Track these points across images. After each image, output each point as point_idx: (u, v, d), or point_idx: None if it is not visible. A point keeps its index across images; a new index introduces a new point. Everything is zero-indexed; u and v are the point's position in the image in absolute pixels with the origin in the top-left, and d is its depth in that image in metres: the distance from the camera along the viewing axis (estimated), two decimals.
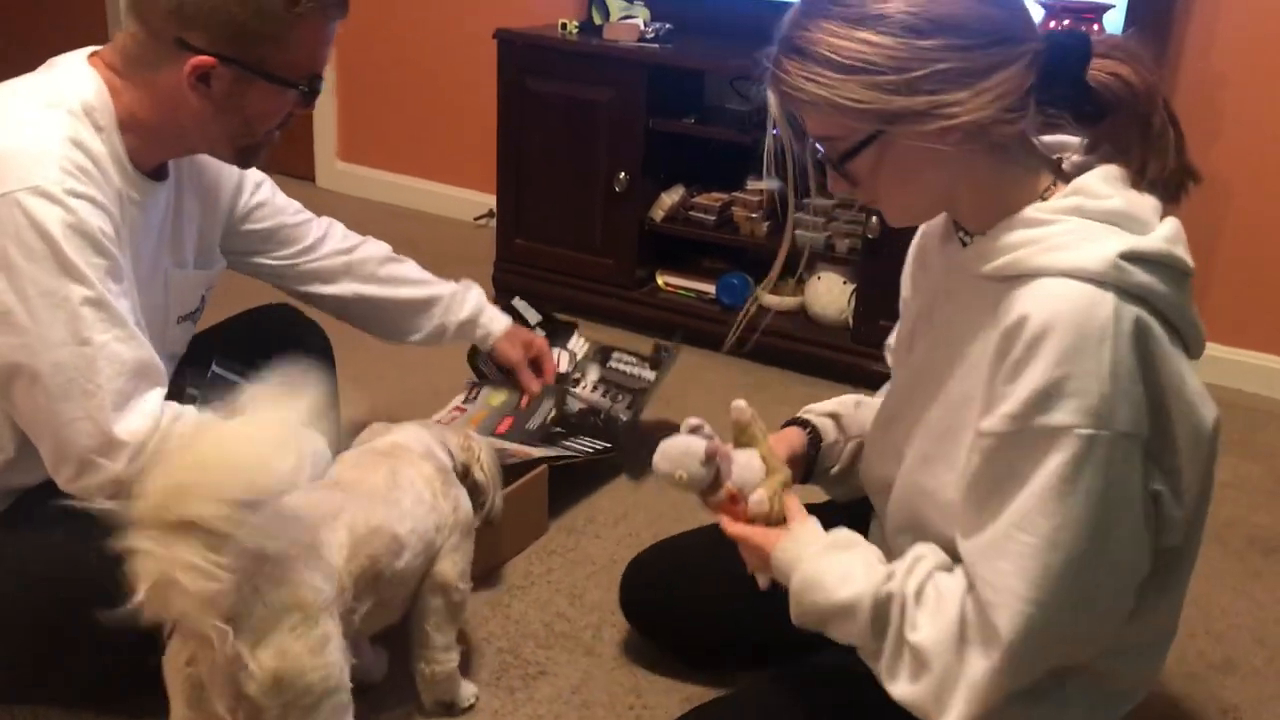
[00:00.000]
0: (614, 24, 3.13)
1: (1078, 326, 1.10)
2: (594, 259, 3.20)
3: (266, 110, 1.53)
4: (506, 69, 3.19)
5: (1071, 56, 1.17)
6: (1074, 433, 1.10)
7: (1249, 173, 2.92)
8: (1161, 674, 1.53)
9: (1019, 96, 1.15)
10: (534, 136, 3.20)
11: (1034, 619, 1.15)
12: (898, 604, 1.24)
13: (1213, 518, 2.42)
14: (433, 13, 3.95)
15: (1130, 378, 1.11)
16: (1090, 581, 1.16)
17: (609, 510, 2.28)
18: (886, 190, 1.24)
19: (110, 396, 1.38)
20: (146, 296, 1.57)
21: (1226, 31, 2.87)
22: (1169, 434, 1.16)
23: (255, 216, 1.90)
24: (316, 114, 4.28)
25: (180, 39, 1.44)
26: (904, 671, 1.24)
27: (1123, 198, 1.17)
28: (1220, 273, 3.02)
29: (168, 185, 1.61)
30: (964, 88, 1.13)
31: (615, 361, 2.55)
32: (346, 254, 2.05)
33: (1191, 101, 2.92)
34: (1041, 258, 1.14)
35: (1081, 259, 1.11)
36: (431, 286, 2.17)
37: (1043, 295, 1.12)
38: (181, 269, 1.70)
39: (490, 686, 1.77)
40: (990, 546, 1.17)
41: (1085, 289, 1.10)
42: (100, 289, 1.39)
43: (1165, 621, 1.33)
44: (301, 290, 2.04)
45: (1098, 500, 1.12)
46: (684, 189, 3.18)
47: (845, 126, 1.18)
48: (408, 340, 2.19)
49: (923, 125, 1.14)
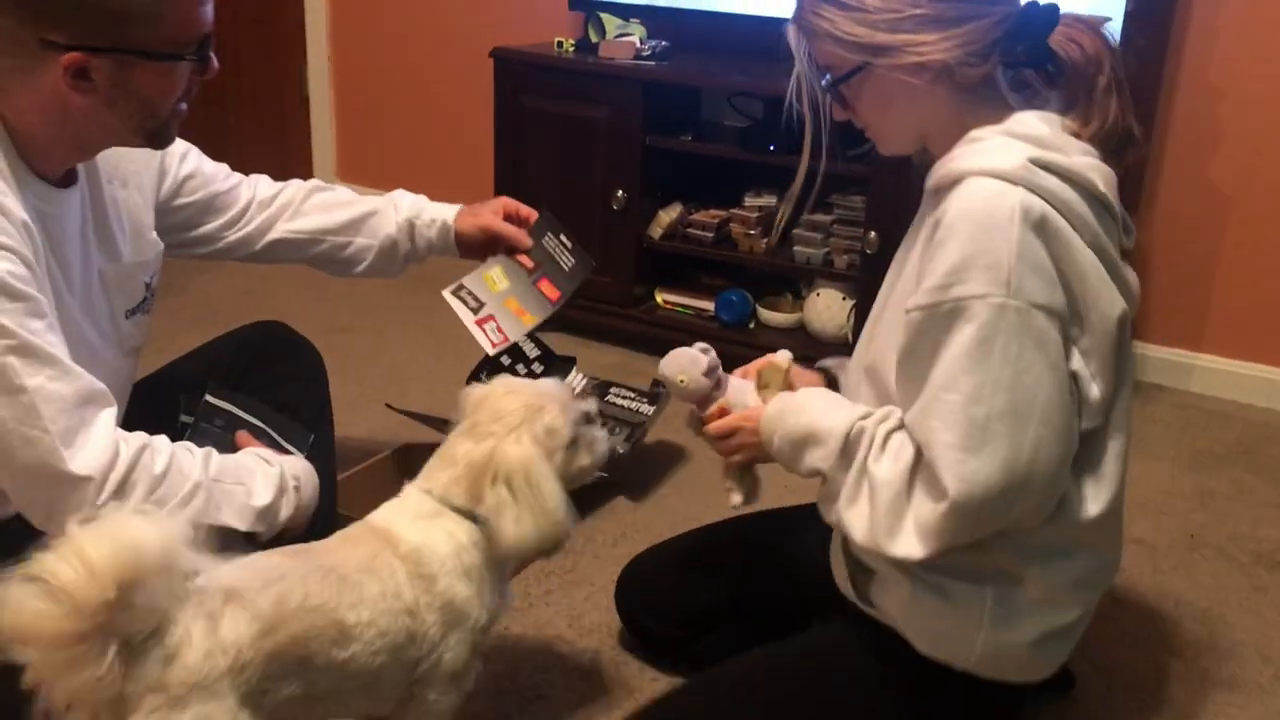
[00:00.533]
0: (610, 42, 3.13)
1: (988, 212, 1.28)
2: (593, 277, 3.16)
3: (161, 89, 1.45)
4: (503, 87, 3.19)
5: (1038, 22, 1.38)
6: (986, 300, 1.27)
7: (1249, 184, 2.91)
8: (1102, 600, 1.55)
9: (984, 45, 1.36)
10: (531, 155, 3.20)
11: (969, 468, 1.28)
12: (867, 439, 1.40)
13: (1217, 532, 2.41)
14: (430, 32, 3.95)
15: (1036, 256, 1.28)
16: (1020, 437, 1.29)
17: (608, 532, 2.27)
18: (869, 116, 1.46)
19: (58, 436, 1.34)
20: (85, 300, 1.54)
21: (1224, 44, 2.86)
22: (1080, 316, 1.33)
23: (186, 189, 1.83)
24: (315, 133, 4.29)
25: (43, 40, 1.35)
26: (862, 499, 1.39)
27: (1050, 129, 1.36)
28: (1222, 284, 3.01)
29: (79, 186, 1.55)
30: (935, 31, 1.34)
31: (613, 395, 2.55)
32: (274, 201, 1.96)
33: (1190, 113, 2.92)
34: (965, 163, 1.34)
35: (996, 161, 1.31)
36: (362, 204, 2.02)
37: (963, 191, 1.32)
38: (115, 262, 1.63)
39: (488, 710, 1.75)
40: (921, 411, 1.33)
41: (997, 184, 1.30)
42: (22, 334, 1.33)
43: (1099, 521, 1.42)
44: (249, 253, 1.96)
45: (1015, 361, 1.27)
46: (682, 206, 3.17)
47: (840, 57, 1.40)
48: (356, 271, 2.03)
49: (898, 59, 1.36)
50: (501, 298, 1.98)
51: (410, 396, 2.74)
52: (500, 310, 1.96)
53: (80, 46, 1.36)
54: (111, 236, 1.63)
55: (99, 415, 1.40)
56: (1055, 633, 1.45)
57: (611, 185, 3.09)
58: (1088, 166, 1.34)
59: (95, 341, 1.57)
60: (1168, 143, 2.98)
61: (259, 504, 1.53)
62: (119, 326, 1.65)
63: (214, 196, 1.88)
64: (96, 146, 1.54)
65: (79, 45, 1.36)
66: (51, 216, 1.48)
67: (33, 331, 1.35)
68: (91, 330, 1.56)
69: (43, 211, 1.46)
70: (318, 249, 1.99)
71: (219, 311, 3.04)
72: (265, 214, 1.95)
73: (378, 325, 3.27)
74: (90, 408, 1.39)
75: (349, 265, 2.02)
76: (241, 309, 2.05)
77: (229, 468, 1.53)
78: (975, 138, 1.37)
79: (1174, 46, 2.90)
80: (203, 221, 1.87)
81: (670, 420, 2.66)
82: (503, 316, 1.96)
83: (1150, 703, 1.85)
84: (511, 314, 1.97)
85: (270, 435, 1.77)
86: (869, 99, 1.43)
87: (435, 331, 3.22)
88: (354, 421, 2.49)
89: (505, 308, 1.97)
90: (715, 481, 2.44)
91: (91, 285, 1.58)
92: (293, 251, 1.98)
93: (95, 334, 1.58)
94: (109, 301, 1.62)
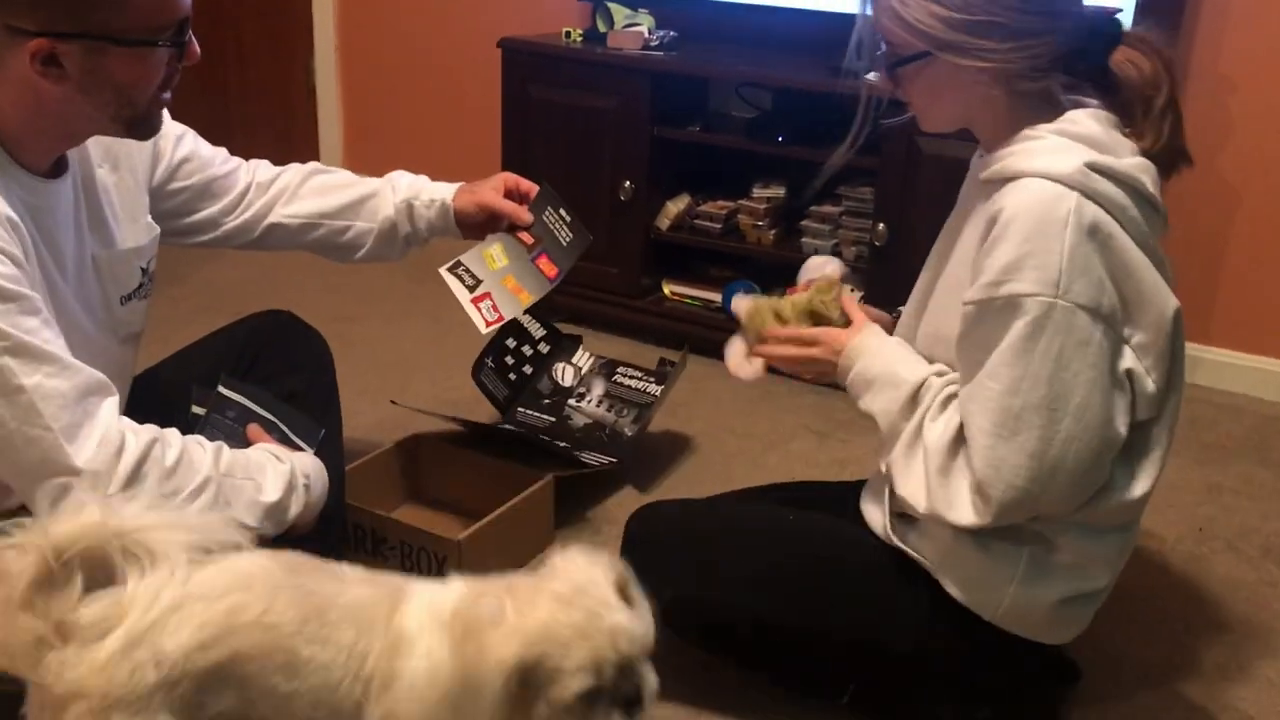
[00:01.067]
0: (618, 32, 3.12)
1: (1043, 214, 1.32)
2: (600, 268, 3.18)
3: (137, 76, 1.41)
4: (511, 78, 3.18)
5: (1100, 41, 1.42)
6: (1035, 299, 1.33)
7: (1259, 177, 2.90)
8: (1120, 573, 1.58)
9: (1047, 61, 1.38)
10: (539, 145, 3.19)
11: (998, 454, 1.36)
12: (930, 395, 1.47)
13: (1226, 526, 2.40)
14: (437, 22, 3.94)
15: (1087, 261, 1.33)
16: (1051, 430, 1.35)
17: (616, 521, 2.26)
18: (918, 98, 1.48)
19: (61, 433, 1.34)
20: (79, 287, 1.53)
21: (1235, 35, 2.85)
22: (1133, 315, 1.38)
23: (182, 173, 1.80)
24: (322, 124, 4.28)
25: (9, 26, 1.33)
26: (916, 459, 1.47)
27: (1102, 129, 1.39)
28: (1231, 277, 2.99)
29: (69, 175, 1.53)
30: (1004, 40, 1.36)
31: (620, 375, 2.53)
32: (271, 185, 1.93)
33: (1201, 106, 2.90)
34: (1022, 162, 1.37)
35: (1053, 164, 1.34)
36: (360, 186, 1.98)
37: (1019, 190, 1.35)
38: (109, 248, 1.61)
39: None
40: (967, 394, 1.41)
41: (1054, 186, 1.33)
42: (15, 335, 1.33)
43: (1139, 502, 1.49)
44: (247, 240, 1.92)
45: (1055, 358, 1.34)
46: (689, 197, 3.16)
47: (904, 38, 1.41)
48: (357, 257, 1.99)
49: (961, 59, 1.38)
50: (499, 275, 1.95)
51: (416, 385, 2.73)
52: (497, 288, 1.94)
53: (47, 33, 1.34)
54: (104, 222, 1.61)
55: (101, 406, 1.39)
56: (1081, 596, 1.52)
57: (619, 176, 3.08)
58: (1138, 168, 1.38)
59: (89, 328, 1.56)
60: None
61: (268, 500, 1.52)
62: (113, 312, 1.63)
63: (211, 180, 1.85)
64: (79, 135, 1.51)
65: (46, 31, 1.33)
66: (41, 209, 1.46)
67: (27, 330, 1.34)
68: (85, 316, 1.55)
69: (32, 205, 1.44)
70: (315, 234, 1.96)
71: (224, 301, 3.04)
72: (263, 199, 1.92)
73: (384, 314, 3.27)
74: (92, 400, 1.38)
75: (349, 251, 1.99)
76: (247, 298, 2.05)
77: (240, 463, 1.52)
78: (1029, 135, 1.40)
79: (1184, 37, 2.88)
80: (200, 207, 1.85)
81: (678, 410, 2.65)
82: (499, 294, 1.93)
83: (1158, 695, 1.84)
84: (508, 292, 1.94)
85: (281, 429, 1.77)
86: (924, 84, 1.45)
87: (441, 320, 3.21)
88: (361, 411, 2.49)
89: (502, 285, 1.94)
90: (723, 472, 2.45)
91: (85, 271, 1.57)
92: (290, 238, 1.95)
93: (89, 320, 1.56)
94: (102, 287, 1.61)
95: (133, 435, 1.41)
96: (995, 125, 1.46)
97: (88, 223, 1.57)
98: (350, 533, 2.02)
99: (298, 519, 1.59)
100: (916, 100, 1.49)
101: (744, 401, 2.80)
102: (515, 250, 1.96)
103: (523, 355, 2.55)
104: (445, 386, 2.68)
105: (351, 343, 2.08)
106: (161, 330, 2.04)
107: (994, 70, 1.39)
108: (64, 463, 1.35)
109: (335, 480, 1.87)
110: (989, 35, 1.36)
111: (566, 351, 2.58)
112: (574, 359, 2.57)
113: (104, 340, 1.60)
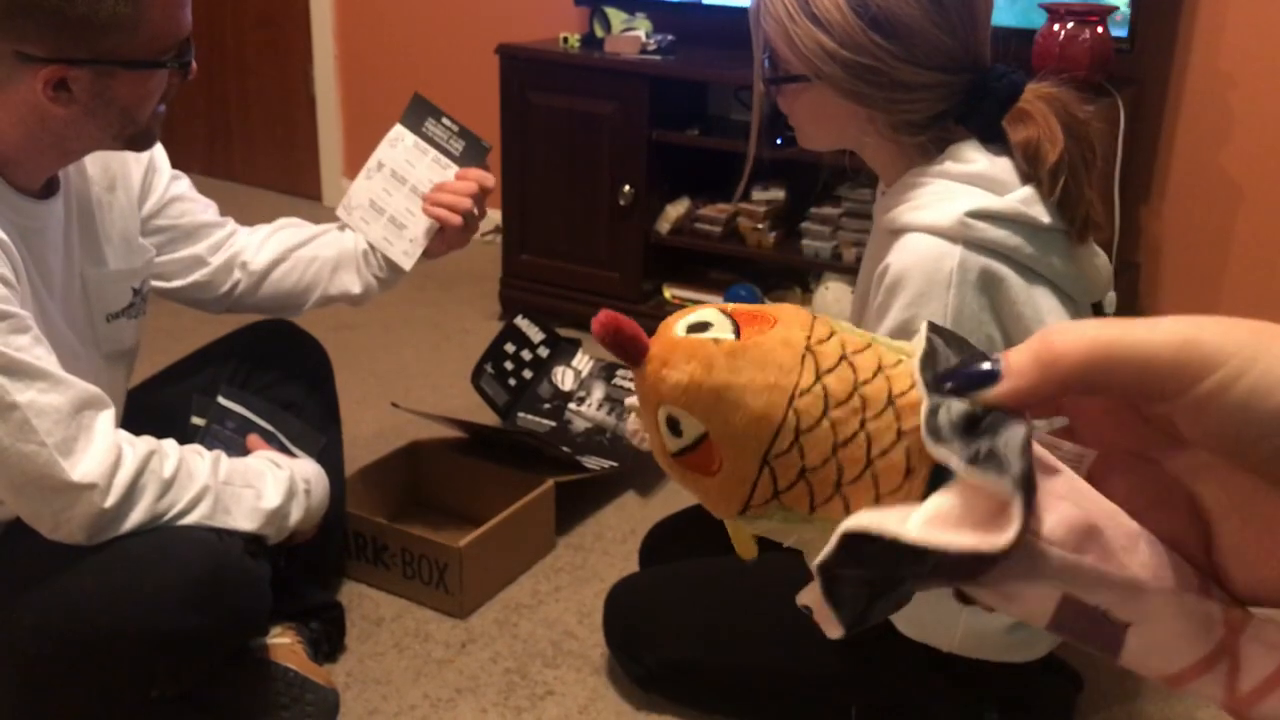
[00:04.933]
0: (615, 36, 3.12)
1: (926, 275, 1.27)
2: (600, 273, 3.18)
3: (141, 95, 1.42)
4: (509, 84, 3.18)
5: (992, 102, 1.30)
6: None
7: (1260, 174, 2.89)
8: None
9: (926, 118, 1.31)
10: (538, 151, 3.19)
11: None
12: None
13: None
14: (435, 30, 3.94)
15: (974, 320, 1.28)
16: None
17: (617, 527, 2.26)
18: (798, 119, 1.41)
19: (55, 448, 1.35)
20: (66, 304, 1.53)
21: (1234, 31, 2.84)
22: None
23: (171, 212, 1.74)
24: (322, 132, 4.29)
25: (19, 53, 1.33)
26: None
27: (986, 161, 1.31)
28: (1233, 274, 2.99)
29: (60, 196, 1.52)
30: (885, 89, 1.28)
31: (620, 379, 2.52)
32: (266, 233, 1.86)
33: (1200, 101, 2.90)
34: (907, 215, 1.31)
35: (935, 217, 1.28)
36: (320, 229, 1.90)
37: (903, 249, 1.30)
38: (99, 267, 1.60)
39: (498, 706, 1.75)
40: None
41: (936, 243, 1.27)
42: (7, 353, 1.33)
43: None
44: (221, 289, 1.82)
45: None
46: (689, 201, 3.16)
47: (788, 56, 1.33)
48: (346, 288, 1.87)
49: (840, 94, 1.30)
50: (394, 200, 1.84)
51: (416, 392, 2.73)
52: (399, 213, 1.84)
53: (59, 59, 1.34)
54: (97, 241, 1.60)
55: (97, 420, 1.40)
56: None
57: (618, 180, 3.08)
58: (1024, 201, 1.29)
59: (75, 344, 1.55)
60: (1177, 131, 2.96)
61: (269, 506, 1.53)
62: (97, 329, 1.62)
63: (198, 227, 1.78)
64: (75, 154, 1.51)
65: (57, 58, 1.34)
66: (31, 230, 1.45)
67: (18, 348, 1.34)
68: (71, 333, 1.55)
69: (21, 225, 1.43)
70: (282, 268, 1.85)
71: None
72: (242, 242, 1.84)
73: (383, 322, 3.27)
74: (86, 413, 1.39)
75: (323, 283, 1.86)
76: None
77: (238, 471, 1.53)
78: (912, 183, 1.33)
79: (1183, 33, 2.88)
80: (181, 247, 1.77)
81: None
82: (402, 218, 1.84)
83: (1162, 693, 1.83)
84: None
85: (280, 440, 1.77)
86: (803, 106, 1.38)
87: (441, 327, 3.22)
88: (361, 419, 2.48)
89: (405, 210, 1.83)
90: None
91: (73, 289, 1.56)
92: (256, 284, 1.84)
93: (75, 337, 1.56)
94: (88, 304, 1.60)
95: (130, 447, 1.41)
96: (881, 161, 1.40)
97: (79, 241, 1.57)
98: (351, 541, 2.01)
99: (299, 525, 1.60)
100: (795, 119, 1.42)
101: None
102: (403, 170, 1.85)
103: (522, 360, 2.54)
104: (446, 394, 2.68)
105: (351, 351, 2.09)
106: (163, 341, 2.04)
107: (870, 115, 1.32)
108: (59, 478, 1.35)
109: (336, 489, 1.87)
110: (867, 79, 1.28)
111: (566, 355, 2.57)
112: (573, 363, 2.57)
113: (89, 356, 1.60)
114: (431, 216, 1.79)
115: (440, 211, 1.77)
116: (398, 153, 1.85)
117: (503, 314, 3.24)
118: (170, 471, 1.44)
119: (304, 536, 1.68)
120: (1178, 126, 2.95)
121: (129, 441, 1.42)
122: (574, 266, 3.23)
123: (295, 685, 1.69)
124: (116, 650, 1.42)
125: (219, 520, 1.48)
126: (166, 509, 1.44)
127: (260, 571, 1.54)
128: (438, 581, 1.95)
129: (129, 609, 1.40)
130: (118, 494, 1.38)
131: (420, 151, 1.85)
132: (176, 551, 1.43)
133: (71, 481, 1.35)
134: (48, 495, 1.37)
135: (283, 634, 1.75)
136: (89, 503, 1.37)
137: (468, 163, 1.83)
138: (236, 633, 1.58)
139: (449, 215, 1.77)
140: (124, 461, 1.39)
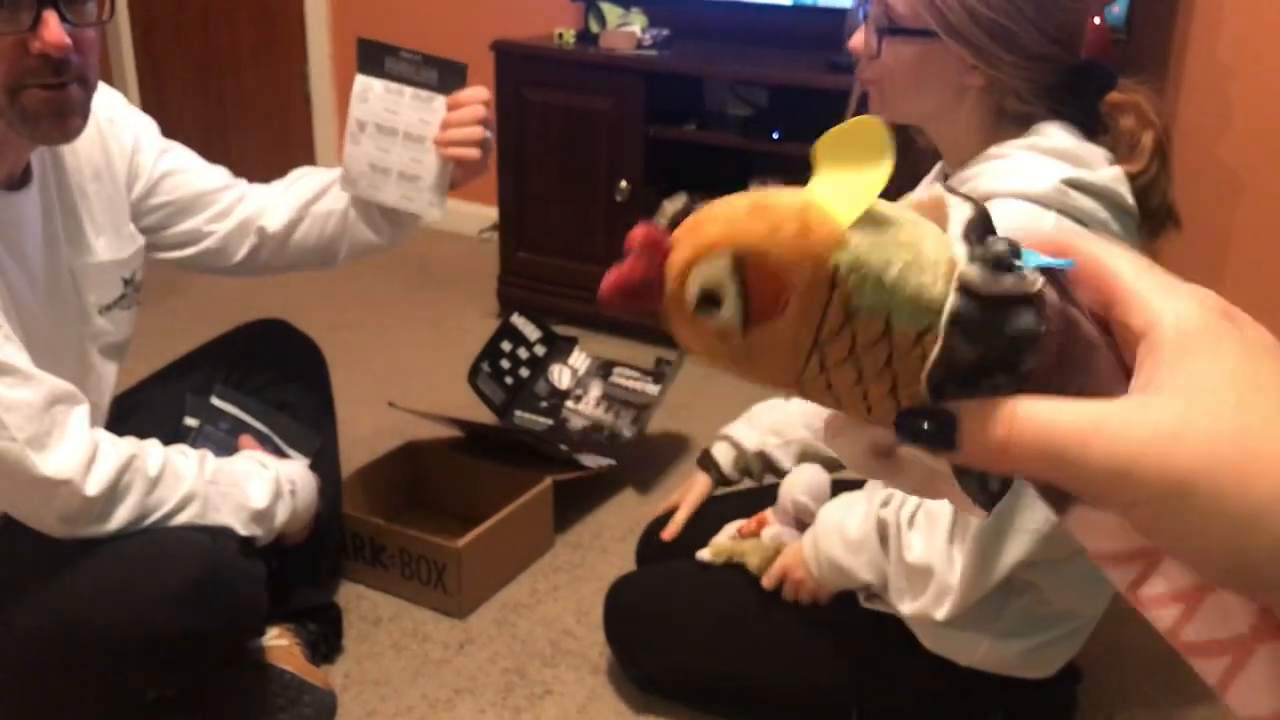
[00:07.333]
0: (611, 32, 3.11)
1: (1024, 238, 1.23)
2: (597, 270, 3.09)
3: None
4: (504, 80, 3.16)
5: (1094, 84, 1.33)
6: None
7: (1259, 163, 2.88)
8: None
9: (1041, 88, 1.30)
10: (534, 148, 3.18)
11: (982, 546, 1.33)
12: (893, 530, 1.42)
13: None
14: (430, 26, 3.93)
15: None
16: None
17: (615, 525, 2.25)
18: (897, 78, 1.34)
19: (26, 443, 1.33)
20: (52, 299, 1.50)
21: (1233, 21, 2.83)
22: None
23: (164, 188, 1.68)
24: (318, 130, 4.28)
25: None
26: (921, 591, 1.41)
27: (1075, 140, 1.31)
28: (1234, 265, 2.98)
29: (35, 185, 1.48)
30: (1010, 51, 1.27)
31: (617, 376, 2.52)
32: (264, 195, 1.79)
33: (1199, 91, 2.88)
34: (994, 182, 1.28)
35: (1028, 182, 1.26)
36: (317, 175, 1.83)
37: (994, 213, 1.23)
38: (86, 258, 1.56)
39: (496, 707, 1.74)
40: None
41: (1030, 208, 1.25)
42: None
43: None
44: (233, 260, 1.77)
45: None
46: (686, 196, 3.13)
47: (914, 7, 1.29)
48: (348, 246, 1.79)
49: (968, 54, 1.28)
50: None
51: (413, 392, 2.72)
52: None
53: None
54: (81, 231, 1.57)
55: (70, 415, 1.38)
56: (1063, 637, 1.51)
57: (615, 176, 3.07)
58: (1114, 179, 1.31)
59: (64, 340, 1.54)
60: (1176, 122, 2.94)
61: (255, 506, 1.52)
62: (91, 322, 1.60)
63: (198, 195, 1.72)
64: (4, 147, 1.41)
65: None
66: (3, 222, 1.43)
67: None
68: (60, 328, 1.53)
69: None
70: (301, 229, 1.78)
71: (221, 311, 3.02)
72: (252, 207, 1.77)
73: (380, 321, 3.26)
74: (59, 408, 1.37)
75: (337, 239, 1.79)
76: (242, 307, 2.04)
77: (225, 471, 1.53)
78: (995, 154, 1.32)
79: (1181, 23, 2.87)
80: (180, 220, 1.72)
81: (677, 411, 2.64)
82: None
83: (1163, 688, 1.83)
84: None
85: (274, 441, 1.77)
86: (910, 64, 1.32)
87: (438, 325, 3.21)
88: (358, 419, 2.48)
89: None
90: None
91: (60, 282, 1.54)
92: (279, 245, 1.78)
93: (65, 331, 1.54)
94: (80, 297, 1.58)
95: (110, 446, 1.40)
96: (963, 134, 1.36)
97: (63, 233, 1.54)
98: (348, 541, 2.01)
99: (286, 525, 1.59)
100: (893, 80, 1.35)
101: (743, 402, 2.78)
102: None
103: (519, 359, 2.54)
104: (443, 393, 2.67)
105: (348, 351, 2.08)
106: (158, 341, 2.03)
107: (992, 79, 1.30)
108: (31, 473, 1.34)
109: (331, 489, 1.86)
110: (1002, 42, 1.27)
111: (562, 353, 2.57)
112: (570, 360, 2.56)
113: (82, 350, 1.59)
114: (451, 159, 1.67)
115: (458, 151, 1.67)
116: (372, 105, 1.73)
117: (500, 311, 3.23)
118: (155, 470, 1.43)
119: (294, 539, 1.67)
120: (1176, 115, 2.94)
121: (110, 440, 1.41)
122: (571, 264, 3.22)
123: (292, 687, 1.69)
124: (113, 650, 1.41)
125: (206, 519, 1.48)
126: (155, 507, 1.43)
127: (256, 571, 1.53)
128: (436, 581, 1.94)
129: (125, 609, 1.39)
130: (96, 489, 1.37)
131: (395, 94, 1.72)
132: (172, 552, 1.43)
133: (44, 476, 1.34)
134: (22, 490, 1.36)
135: (280, 636, 1.74)
136: (64, 498, 1.36)
137: (452, 88, 1.71)
138: (233, 633, 1.57)
139: (468, 153, 1.67)
140: (102, 457, 1.38)
